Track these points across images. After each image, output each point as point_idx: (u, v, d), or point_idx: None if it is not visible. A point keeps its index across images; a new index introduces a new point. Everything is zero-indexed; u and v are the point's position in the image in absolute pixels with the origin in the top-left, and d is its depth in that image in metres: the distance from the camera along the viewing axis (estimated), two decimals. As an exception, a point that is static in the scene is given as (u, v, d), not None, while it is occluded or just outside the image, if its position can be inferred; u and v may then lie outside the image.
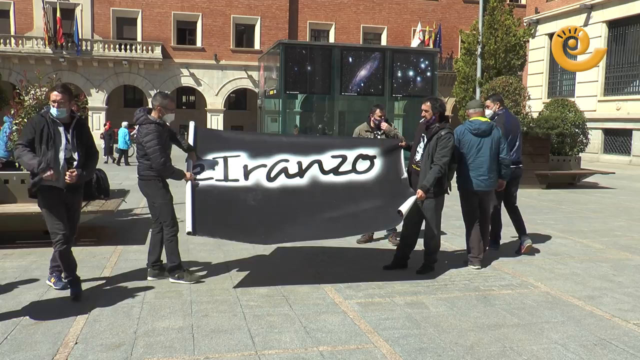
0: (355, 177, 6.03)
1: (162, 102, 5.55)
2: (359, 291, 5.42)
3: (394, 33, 39.71)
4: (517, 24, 22.51)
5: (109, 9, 35.71)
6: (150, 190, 5.56)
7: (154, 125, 5.45)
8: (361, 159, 6.09)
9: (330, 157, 6.04)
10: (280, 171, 5.87)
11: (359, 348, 4.07)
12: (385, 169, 6.14)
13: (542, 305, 5.12)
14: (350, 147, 6.17)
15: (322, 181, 5.94)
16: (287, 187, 5.84)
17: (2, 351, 3.93)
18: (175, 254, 5.59)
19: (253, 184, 5.80)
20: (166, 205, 5.55)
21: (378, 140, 6.62)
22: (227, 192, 5.73)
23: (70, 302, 4.97)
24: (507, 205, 7.30)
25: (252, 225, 5.58)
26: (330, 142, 6.39)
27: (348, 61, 20.72)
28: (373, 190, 6.02)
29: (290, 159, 5.95)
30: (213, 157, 5.85)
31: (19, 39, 33.82)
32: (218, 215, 5.60)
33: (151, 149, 5.38)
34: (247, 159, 5.90)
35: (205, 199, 5.59)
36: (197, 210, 5.43)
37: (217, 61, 37.06)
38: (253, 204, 5.74)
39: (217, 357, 3.89)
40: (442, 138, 5.86)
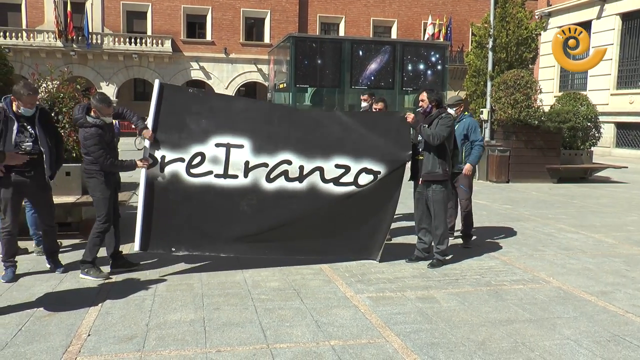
0: (355, 190, 5.90)
1: (96, 106, 5.38)
2: (370, 285, 5.42)
3: (404, 26, 39.51)
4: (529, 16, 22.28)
5: (119, 2, 35.77)
6: (91, 184, 5.50)
7: (94, 128, 5.34)
8: (364, 172, 5.90)
9: (334, 166, 5.83)
10: (280, 173, 5.72)
11: (371, 342, 4.07)
12: (386, 187, 6.01)
13: (554, 300, 5.09)
14: (356, 158, 5.88)
15: (320, 189, 5.82)
16: (284, 191, 5.73)
17: (17, 342, 3.97)
18: (94, 250, 5.49)
19: (251, 183, 5.66)
20: (103, 200, 5.46)
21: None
22: (224, 193, 5.61)
23: (83, 294, 5.00)
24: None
25: (236, 236, 5.68)
26: (338, 142, 5.92)
27: (358, 54, 20.67)
28: (367, 207, 6.00)
29: (293, 160, 5.74)
30: (216, 142, 5.58)
31: (31, 32, 33.98)
32: (197, 221, 5.59)
33: (96, 154, 5.32)
34: (250, 154, 5.64)
35: (190, 201, 5.54)
36: (161, 215, 5.48)
37: (227, 55, 37.06)
38: (247, 211, 5.69)
39: (229, 350, 3.90)
40: (443, 118, 5.97)
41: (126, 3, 35.89)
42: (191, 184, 5.56)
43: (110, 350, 3.86)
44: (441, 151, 5.97)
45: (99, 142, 5.33)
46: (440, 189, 6.02)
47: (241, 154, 5.64)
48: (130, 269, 5.78)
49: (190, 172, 5.55)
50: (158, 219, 5.54)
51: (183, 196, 5.56)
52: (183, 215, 5.58)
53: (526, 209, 10.22)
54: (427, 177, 6.01)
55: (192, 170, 5.55)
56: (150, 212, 5.51)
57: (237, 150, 5.63)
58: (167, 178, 5.53)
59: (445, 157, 6.02)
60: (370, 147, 5.95)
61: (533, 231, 8.21)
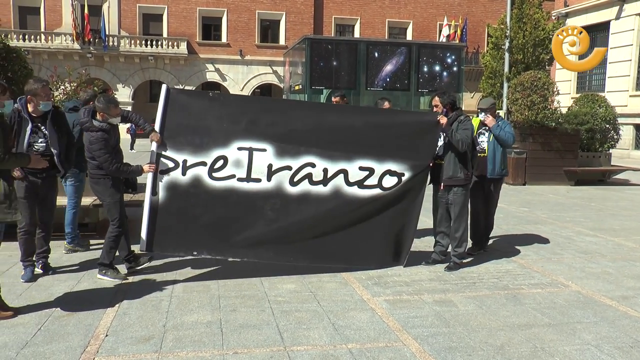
0: (380, 193, 5.81)
1: (103, 108, 5.37)
2: (387, 288, 5.39)
3: (420, 28, 39.40)
4: (546, 17, 22.17)
5: (136, 5, 36.09)
6: (100, 189, 5.50)
7: (100, 132, 5.32)
8: (388, 174, 5.82)
9: (358, 168, 5.75)
10: (304, 176, 5.65)
11: (388, 346, 4.04)
12: (411, 190, 5.92)
13: (573, 305, 5.02)
14: (380, 159, 5.79)
15: (345, 193, 5.74)
16: (308, 194, 5.67)
17: (37, 341, 4.00)
18: (111, 254, 5.50)
19: (274, 186, 5.59)
20: (115, 205, 5.46)
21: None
22: (247, 197, 5.56)
23: (101, 294, 5.03)
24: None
25: (260, 241, 5.62)
26: (362, 142, 5.82)
27: (374, 56, 20.64)
28: (392, 211, 5.92)
29: (317, 163, 5.66)
30: (238, 145, 5.53)
31: (49, 35, 34.40)
32: (218, 225, 5.54)
33: (101, 158, 5.29)
34: (273, 157, 5.58)
35: (210, 203, 5.50)
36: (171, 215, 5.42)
37: (242, 57, 37.21)
38: (270, 215, 5.61)
39: (246, 352, 3.89)
40: (462, 121, 5.90)
41: (142, 5, 36.19)
42: (213, 187, 5.51)
43: (128, 351, 3.88)
44: (462, 155, 5.91)
45: (104, 147, 5.29)
46: (462, 191, 5.98)
47: (264, 157, 5.58)
48: (143, 267, 5.80)
49: (212, 176, 5.50)
50: (179, 223, 5.50)
51: (205, 200, 5.51)
52: (205, 219, 5.53)
53: (543, 212, 10.12)
54: (448, 182, 5.95)
55: (215, 174, 5.50)
56: (157, 214, 5.46)
57: (259, 153, 5.57)
58: (189, 182, 5.49)
59: (466, 161, 5.95)
60: (395, 148, 5.86)
61: (550, 234, 8.12)
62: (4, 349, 3.87)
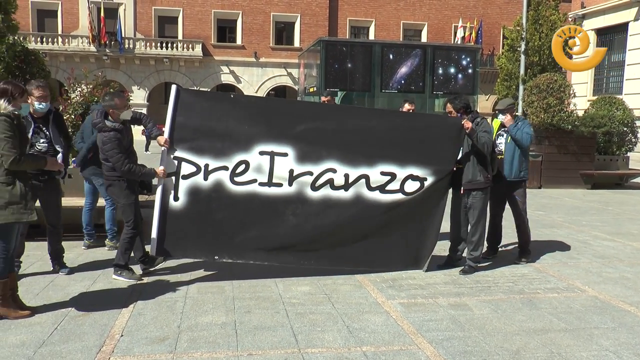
0: (402, 198, 5.76)
1: (110, 104, 5.38)
2: (402, 291, 5.37)
3: (435, 29, 39.26)
4: (562, 19, 22.00)
5: (151, 7, 36.37)
6: (115, 190, 5.53)
7: (113, 132, 5.32)
8: (411, 179, 5.76)
9: (380, 173, 5.70)
10: (326, 182, 5.63)
11: (403, 349, 4.02)
12: (433, 195, 5.86)
13: (590, 310, 4.96)
14: (401, 163, 5.73)
15: (366, 198, 5.70)
16: (329, 199, 5.65)
17: (53, 341, 4.04)
18: (126, 255, 5.53)
19: (296, 191, 5.58)
20: (129, 206, 5.48)
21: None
22: (268, 202, 5.55)
23: (116, 294, 5.07)
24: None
25: (281, 245, 5.62)
26: (383, 146, 5.76)
27: (388, 58, 20.61)
28: (414, 216, 5.88)
29: (338, 169, 5.62)
30: (260, 150, 5.52)
31: (65, 37, 34.78)
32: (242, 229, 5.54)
33: (114, 158, 5.28)
34: (294, 162, 5.56)
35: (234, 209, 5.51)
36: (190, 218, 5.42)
37: (257, 59, 37.34)
38: (291, 220, 5.60)
39: (260, 353, 3.90)
40: (480, 123, 5.84)
41: (158, 8, 36.46)
42: (235, 192, 5.51)
43: (143, 351, 3.90)
44: (481, 158, 5.85)
45: (117, 147, 5.29)
46: (481, 195, 5.92)
47: (285, 162, 5.56)
48: (156, 267, 5.83)
49: (234, 181, 5.50)
50: (201, 227, 5.51)
51: (227, 204, 5.52)
52: (227, 224, 5.54)
53: (559, 216, 10.03)
54: (468, 186, 5.90)
55: (236, 178, 5.50)
56: (177, 218, 5.47)
57: (281, 158, 5.55)
58: (211, 186, 5.49)
59: (486, 164, 5.90)
60: (417, 152, 5.80)
61: (567, 238, 8.05)
62: (22, 348, 3.91)
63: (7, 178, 4.28)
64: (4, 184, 4.26)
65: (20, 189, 4.31)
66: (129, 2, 35.98)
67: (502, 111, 6.60)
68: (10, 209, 4.26)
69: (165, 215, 5.46)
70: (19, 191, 4.30)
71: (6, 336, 4.11)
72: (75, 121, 7.47)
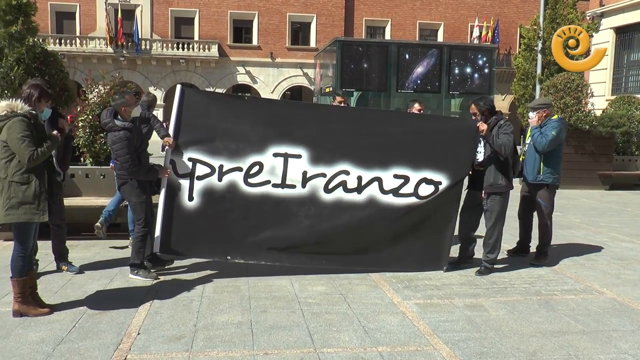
0: (416, 202, 5.73)
1: (122, 102, 5.41)
2: (417, 292, 5.35)
3: (451, 29, 39.04)
4: (580, 17, 21.77)
5: (168, 9, 36.58)
6: (127, 189, 5.57)
7: (123, 131, 5.34)
8: (424, 183, 5.72)
9: (393, 176, 5.69)
10: (339, 184, 5.64)
11: (419, 350, 4.01)
12: (448, 199, 5.80)
13: (608, 312, 4.91)
14: (415, 167, 5.71)
15: (379, 201, 5.69)
16: (342, 202, 5.65)
17: (72, 338, 4.10)
18: (140, 253, 5.58)
19: (309, 193, 5.61)
20: (140, 205, 5.52)
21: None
22: (282, 203, 5.59)
23: (133, 293, 5.11)
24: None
25: (294, 246, 5.64)
26: (397, 149, 5.75)
27: (404, 58, 20.57)
28: (429, 220, 5.84)
29: (351, 171, 5.64)
30: (274, 151, 5.56)
31: (83, 39, 35.12)
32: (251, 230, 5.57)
33: (122, 158, 5.32)
34: (307, 164, 5.60)
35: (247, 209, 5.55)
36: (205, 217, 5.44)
37: (272, 59, 37.41)
38: (304, 221, 5.62)
39: (276, 353, 3.91)
40: (502, 126, 5.76)
41: (174, 9, 36.67)
42: (249, 193, 5.56)
43: (160, 350, 3.93)
44: (503, 161, 5.77)
45: (126, 146, 5.32)
46: (500, 199, 5.85)
47: (299, 164, 5.60)
48: (163, 267, 5.88)
49: (248, 182, 5.55)
50: (214, 228, 5.56)
51: (240, 205, 5.57)
52: (240, 225, 5.58)
53: (577, 217, 9.93)
54: (489, 190, 5.82)
55: (250, 179, 5.55)
56: (193, 219, 5.53)
57: (294, 160, 5.59)
58: (225, 187, 5.54)
59: (507, 167, 5.81)
60: (431, 155, 5.75)
61: (584, 239, 7.97)
62: (41, 344, 3.96)
63: (22, 177, 4.35)
64: (19, 184, 4.34)
65: (34, 189, 4.38)
66: (145, 3, 36.24)
67: (532, 109, 6.51)
68: (23, 208, 4.34)
69: (171, 214, 5.52)
70: (33, 191, 4.37)
71: (26, 333, 4.17)
72: (93, 122, 7.54)
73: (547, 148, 6.23)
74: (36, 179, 4.41)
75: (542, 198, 6.47)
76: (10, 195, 4.31)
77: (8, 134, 4.31)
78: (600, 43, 29.37)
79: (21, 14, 8.82)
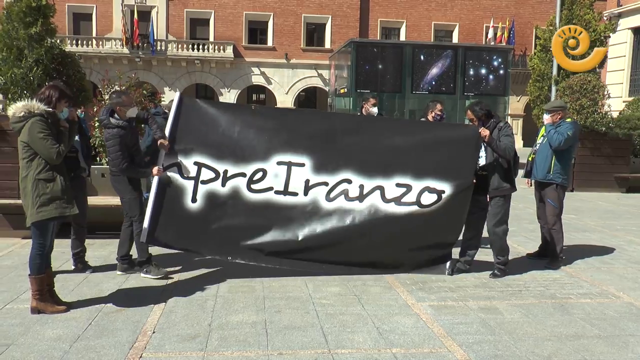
0: (418, 210, 5.67)
1: (117, 102, 5.46)
2: (432, 294, 5.34)
3: (466, 30, 38.86)
4: (597, 18, 21.53)
5: (183, 10, 36.80)
6: (120, 186, 5.61)
7: (116, 129, 5.39)
8: (427, 191, 5.67)
9: (395, 185, 5.67)
10: (340, 192, 5.66)
11: (433, 352, 4.01)
12: (452, 209, 5.71)
13: (625, 316, 4.86)
14: (418, 176, 5.68)
15: (381, 210, 5.67)
16: (343, 210, 5.65)
17: (88, 336, 4.15)
18: (144, 249, 5.63)
19: (310, 201, 5.64)
20: (134, 201, 5.56)
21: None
22: (283, 210, 5.62)
23: (148, 292, 5.16)
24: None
25: (294, 251, 5.64)
26: (400, 158, 5.75)
27: (419, 59, 20.50)
28: (431, 229, 5.77)
29: (353, 179, 5.66)
30: (278, 160, 5.64)
31: (99, 40, 35.45)
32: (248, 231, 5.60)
33: (113, 155, 5.37)
34: (310, 173, 5.65)
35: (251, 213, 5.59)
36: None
37: (287, 60, 37.48)
38: (305, 228, 5.63)
39: (291, 353, 3.93)
40: (503, 128, 5.76)
41: (190, 10, 36.88)
42: (251, 199, 5.61)
43: (174, 349, 3.96)
44: (505, 164, 5.76)
45: (118, 144, 5.37)
46: (504, 201, 5.83)
47: (302, 172, 5.66)
48: (133, 270, 5.84)
49: (251, 188, 5.61)
50: (215, 229, 5.57)
51: (242, 210, 5.61)
52: (241, 228, 5.61)
53: (592, 219, 9.84)
54: (494, 194, 5.80)
55: (253, 185, 5.61)
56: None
57: (298, 168, 5.66)
58: (228, 193, 5.60)
59: (510, 170, 5.81)
60: (434, 163, 5.71)
61: (600, 242, 7.90)
62: (58, 342, 4.02)
63: (47, 175, 4.45)
64: (45, 181, 4.44)
65: (60, 185, 4.51)
66: (161, 4, 36.49)
67: (548, 111, 6.57)
68: (54, 204, 4.45)
69: (162, 208, 5.51)
70: (60, 186, 4.50)
71: (44, 330, 4.23)
72: (108, 122, 7.63)
73: (562, 146, 6.28)
74: (59, 174, 4.53)
75: (552, 198, 6.49)
76: (39, 193, 4.42)
77: (29, 134, 4.40)
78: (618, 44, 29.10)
79: (40, 16, 8.94)
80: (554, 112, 6.49)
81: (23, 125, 4.42)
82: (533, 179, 6.73)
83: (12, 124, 4.50)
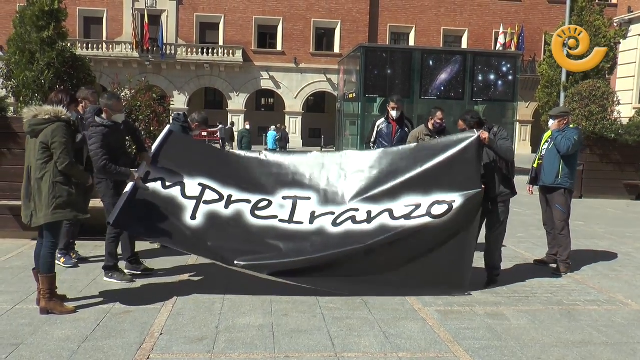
0: (430, 221, 5.42)
1: (107, 104, 5.43)
2: (439, 299, 5.33)
3: (475, 36, 38.85)
4: (607, 24, 21.46)
5: (193, 14, 37.04)
6: (102, 189, 5.64)
7: (100, 127, 5.34)
8: (437, 204, 5.48)
9: (404, 205, 5.54)
10: (347, 218, 5.56)
11: (439, 357, 4.01)
12: (464, 216, 5.48)
13: (633, 324, 4.84)
14: (426, 193, 5.57)
15: (390, 226, 5.43)
16: (351, 232, 5.46)
17: (96, 336, 4.18)
18: (113, 255, 5.61)
19: (316, 229, 5.53)
20: (113, 206, 5.42)
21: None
22: (287, 234, 5.51)
23: (155, 294, 5.19)
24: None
25: (300, 267, 5.39)
26: (406, 181, 5.63)
27: (428, 64, 20.50)
28: (444, 238, 5.50)
29: (360, 208, 5.59)
30: (284, 195, 5.69)
31: (110, 44, 35.73)
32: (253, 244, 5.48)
33: (92, 152, 5.25)
34: (316, 205, 5.66)
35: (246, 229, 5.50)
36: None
37: (296, 65, 37.60)
38: (310, 249, 5.42)
39: (297, 356, 3.94)
40: (498, 132, 5.74)
41: (200, 15, 37.11)
42: (254, 224, 5.53)
43: (182, 350, 3.99)
44: (504, 169, 5.76)
45: (99, 141, 5.27)
46: (503, 206, 5.80)
47: (308, 205, 5.67)
48: (147, 274, 5.85)
49: (255, 214, 5.57)
50: (212, 243, 5.34)
51: (244, 231, 5.47)
52: (241, 246, 5.38)
53: (601, 226, 9.80)
54: (497, 199, 5.77)
55: (257, 212, 5.58)
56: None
57: (304, 202, 5.69)
58: (230, 215, 5.54)
59: (509, 174, 5.80)
60: (440, 178, 5.60)
61: (608, 250, 7.86)
62: (67, 342, 4.05)
63: (63, 178, 4.56)
64: (62, 184, 4.54)
65: (76, 189, 4.63)
66: (171, 9, 36.75)
67: (552, 117, 6.67)
68: (70, 206, 4.57)
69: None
70: (76, 190, 4.62)
71: (53, 330, 4.27)
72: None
73: (570, 151, 6.39)
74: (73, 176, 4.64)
75: (560, 203, 6.51)
76: (56, 195, 4.50)
77: (52, 136, 4.49)
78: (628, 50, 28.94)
79: (53, 20, 9.03)
80: (560, 118, 6.59)
81: (46, 127, 4.52)
82: (540, 185, 6.73)
83: (33, 126, 4.55)
